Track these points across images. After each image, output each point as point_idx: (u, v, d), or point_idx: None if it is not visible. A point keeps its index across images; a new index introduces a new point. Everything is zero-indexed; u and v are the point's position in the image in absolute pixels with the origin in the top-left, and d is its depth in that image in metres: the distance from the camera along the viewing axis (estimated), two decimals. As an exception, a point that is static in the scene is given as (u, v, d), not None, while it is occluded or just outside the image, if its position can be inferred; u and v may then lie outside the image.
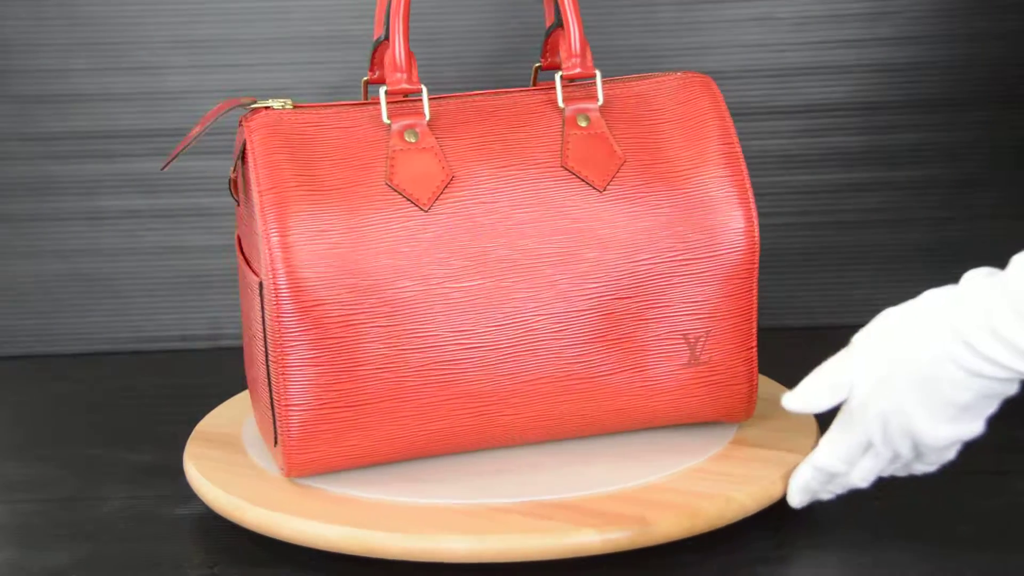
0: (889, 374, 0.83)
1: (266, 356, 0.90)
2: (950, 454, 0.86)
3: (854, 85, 1.27)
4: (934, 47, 1.26)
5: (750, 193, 0.96)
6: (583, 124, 0.94)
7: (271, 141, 0.90)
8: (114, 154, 1.28)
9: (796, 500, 0.89)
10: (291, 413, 0.89)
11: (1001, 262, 0.82)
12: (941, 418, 0.83)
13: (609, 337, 0.93)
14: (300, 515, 0.87)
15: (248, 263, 0.93)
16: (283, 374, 0.89)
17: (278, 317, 0.88)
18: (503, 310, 0.91)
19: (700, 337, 0.95)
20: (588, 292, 0.92)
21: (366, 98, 0.93)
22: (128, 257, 1.30)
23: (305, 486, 0.91)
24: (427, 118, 0.92)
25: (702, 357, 0.95)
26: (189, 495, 0.97)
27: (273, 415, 0.91)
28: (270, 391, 0.91)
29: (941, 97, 1.27)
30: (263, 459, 0.96)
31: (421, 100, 0.93)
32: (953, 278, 0.83)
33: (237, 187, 0.95)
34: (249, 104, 0.92)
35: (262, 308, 0.90)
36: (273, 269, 0.88)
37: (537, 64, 1.00)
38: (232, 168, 0.93)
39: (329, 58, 1.27)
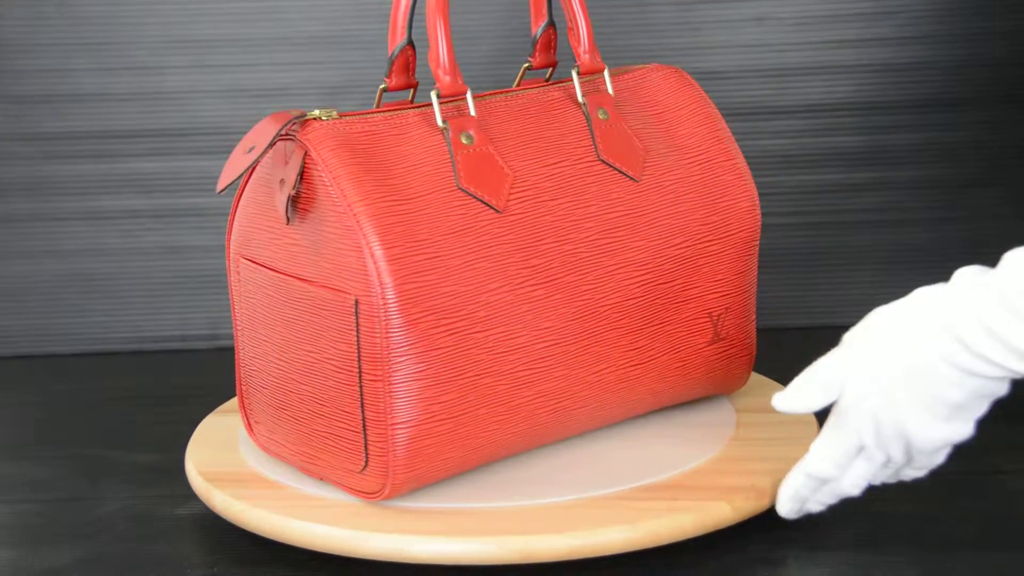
0: (881, 373, 0.83)
1: (359, 375, 0.86)
2: (940, 458, 0.86)
3: (854, 85, 1.27)
4: (934, 47, 1.26)
5: (750, 174, 1.00)
6: (603, 117, 0.96)
7: (342, 153, 0.87)
8: (113, 154, 1.28)
9: (785, 508, 0.89)
10: (397, 432, 0.86)
11: (999, 263, 0.82)
12: (933, 418, 0.82)
13: (655, 322, 0.96)
14: (400, 532, 0.86)
15: (304, 280, 0.89)
16: (389, 392, 0.85)
17: (386, 333, 0.85)
18: (575, 305, 0.92)
19: (721, 314, 0.99)
20: (639, 280, 0.94)
21: (379, 107, 0.92)
22: (127, 257, 1.30)
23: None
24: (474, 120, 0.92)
25: (721, 333, 0.99)
26: (189, 495, 0.97)
27: (365, 438, 0.87)
28: (362, 412, 0.87)
29: (941, 97, 1.27)
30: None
31: (461, 102, 0.92)
32: (947, 280, 0.83)
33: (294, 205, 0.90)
34: (299, 117, 0.88)
35: (357, 326, 0.86)
36: (381, 283, 0.84)
37: (527, 64, 0.99)
38: (293, 186, 0.87)
39: (329, 58, 1.27)
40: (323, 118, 0.88)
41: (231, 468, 0.95)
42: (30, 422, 1.16)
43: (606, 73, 0.98)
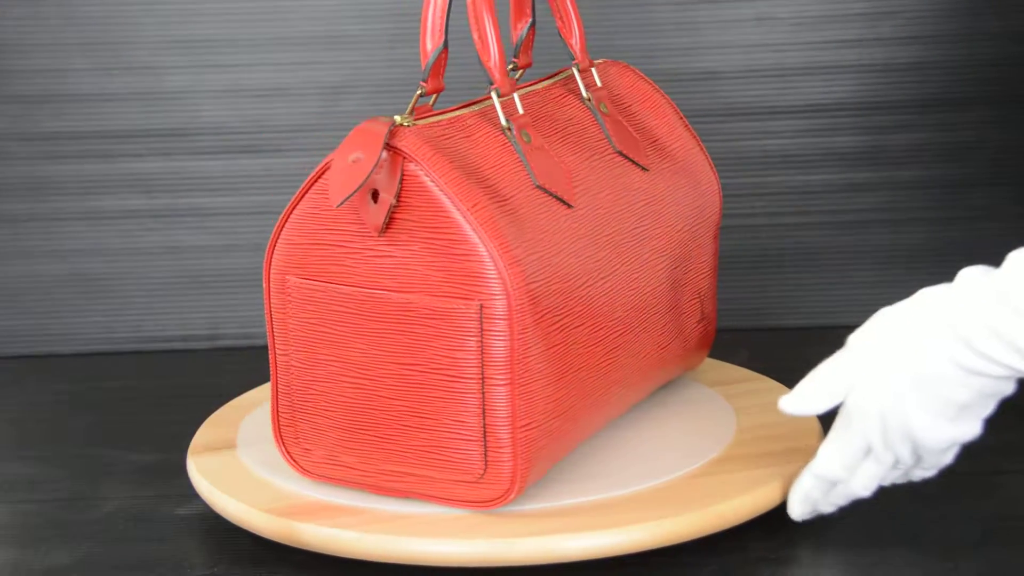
0: (887, 374, 0.83)
1: (481, 382, 0.85)
2: (948, 457, 0.86)
3: (854, 85, 1.27)
4: (934, 47, 1.26)
5: (711, 159, 1.04)
6: (605, 111, 0.98)
7: (440, 158, 0.85)
8: (113, 154, 1.28)
9: (797, 511, 0.89)
10: (523, 434, 0.85)
11: (1000, 262, 0.81)
12: (940, 418, 0.82)
13: (673, 306, 0.99)
14: (436, 536, 0.86)
15: (401, 291, 0.86)
16: (517, 395, 0.84)
17: (516, 335, 0.84)
18: (629, 294, 0.94)
19: (704, 295, 1.02)
20: (663, 266, 0.98)
21: (412, 112, 0.90)
22: (128, 257, 1.30)
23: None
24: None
25: (705, 313, 1.04)
26: (189, 495, 0.97)
27: (485, 445, 0.86)
28: (482, 419, 0.85)
29: (941, 97, 1.27)
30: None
31: (507, 99, 0.92)
32: (952, 279, 0.83)
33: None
34: (391, 123, 0.86)
35: (481, 331, 0.84)
36: (508, 286, 0.83)
37: (511, 64, 0.99)
38: (396, 196, 0.85)
39: (329, 58, 1.27)
40: (405, 124, 0.87)
41: (288, 501, 0.90)
42: (30, 422, 1.16)
43: (594, 69, 0.99)
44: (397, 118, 0.87)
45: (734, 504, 0.88)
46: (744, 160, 1.28)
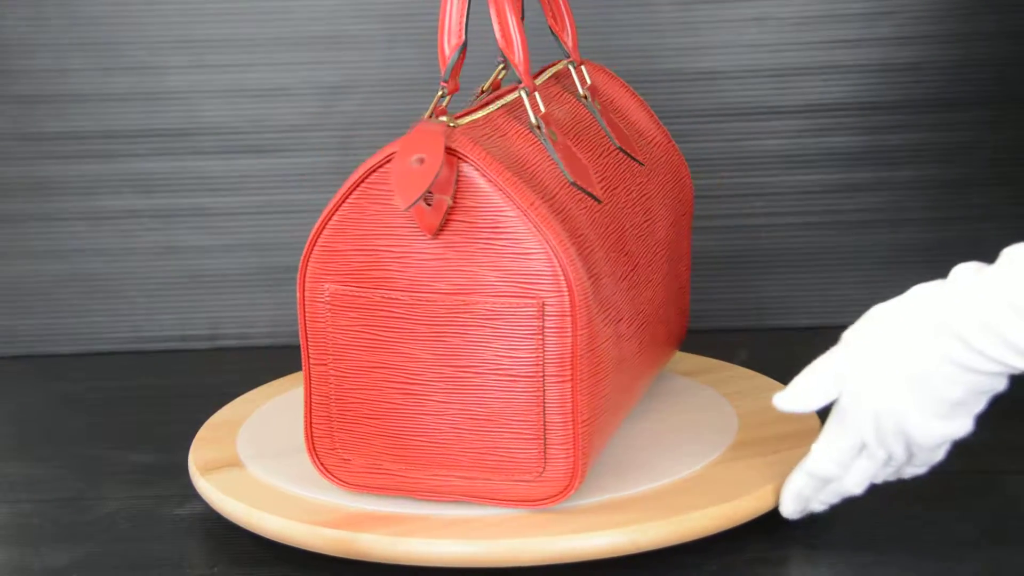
0: (880, 370, 0.83)
1: (543, 379, 0.85)
2: (939, 454, 0.86)
3: (854, 85, 1.27)
4: (934, 47, 1.26)
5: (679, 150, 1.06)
6: (598, 108, 0.98)
7: (492, 159, 0.85)
8: (113, 154, 1.28)
9: (789, 508, 0.89)
10: (582, 430, 0.86)
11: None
12: (933, 414, 0.82)
13: (669, 299, 1.00)
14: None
15: (456, 293, 0.86)
16: (577, 391, 0.85)
17: (582, 329, 0.84)
18: (648, 286, 0.96)
19: (685, 284, 1.05)
20: (666, 258, 1.00)
21: (434, 114, 0.90)
22: (128, 257, 1.30)
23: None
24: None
25: (684, 304, 1.06)
26: (189, 495, 0.97)
27: (545, 442, 0.86)
28: (543, 417, 0.85)
29: (941, 97, 1.27)
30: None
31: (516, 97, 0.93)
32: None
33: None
34: (445, 124, 0.86)
35: (543, 329, 0.84)
36: (570, 283, 0.84)
37: (501, 63, 0.99)
38: (452, 197, 0.84)
39: (329, 58, 1.27)
40: (451, 124, 0.87)
41: (333, 513, 0.89)
42: (30, 422, 1.16)
43: (583, 66, 1.00)
44: (443, 118, 0.87)
45: (735, 505, 0.88)
46: (744, 160, 1.28)
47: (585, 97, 0.98)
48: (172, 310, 1.30)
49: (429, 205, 0.84)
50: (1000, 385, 0.82)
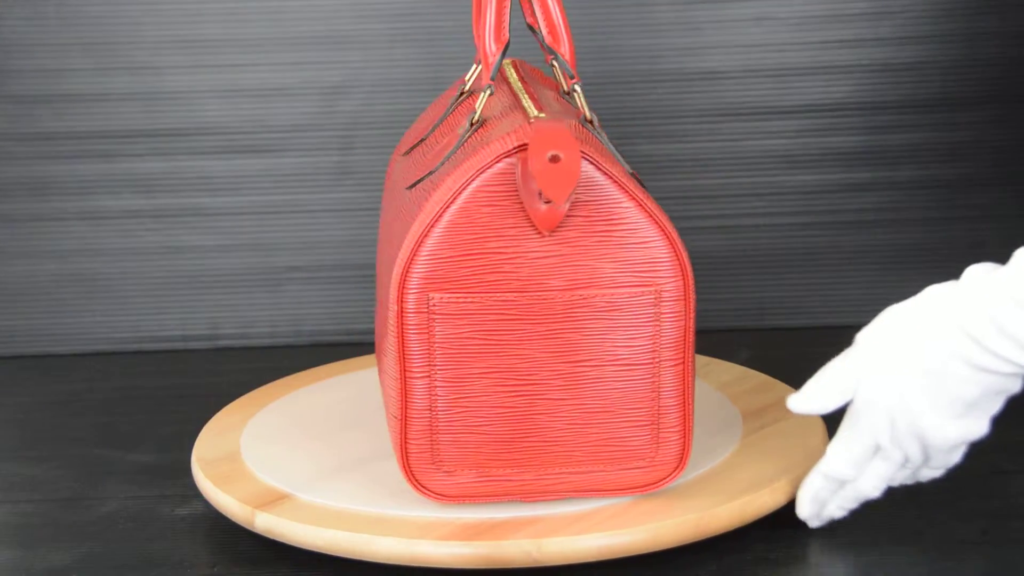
0: (895, 372, 0.83)
1: (659, 365, 0.86)
2: (956, 456, 0.86)
3: (854, 85, 1.27)
4: (934, 47, 1.26)
5: None
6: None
7: (598, 153, 0.86)
8: (113, 154, 1.28)
9: (806, 511, 0.89)
10: (691, 409, 0.88)
11: (1001, 262, 0.82)
12: (948, 415, 0.82)
13: None
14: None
15: (573, 288, 0.85)
16: (689, 373, 0.88)
17: (690, 314, 0.86)
18: None
19: None
20: None
21: (482, 112, 0.90)
22: (127, 257, 1.30)
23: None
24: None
25: None
26: (189, 495, 0.97)
27: (658, 427, 0.87)
28: (657, 402, 0.87)
29: (941, 97, 1.27)
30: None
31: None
32: (953, 278, 0.83)
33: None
34: (564, 121, 0.86)
35: (659, 316, 0.86)
36: (683, 268, 0.86)
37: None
38: (573, 193, 0.84)
39: (329, 58, 1.27)
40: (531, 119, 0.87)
41: (447, 527, 0.87)
42: (30, 422, 1.16)
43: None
44: (541, 115, 0.87)
45: (737, 505, 0.88)
46: (744, 160, 1.28)
47: (567, 93, 0.97)
48: (172, 310, 1.30)
49: (546, 203, 0.84)
50: (1015, 386, 0.82)
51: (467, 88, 0.98)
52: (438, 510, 0.88)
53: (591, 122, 0.90)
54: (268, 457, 0.96)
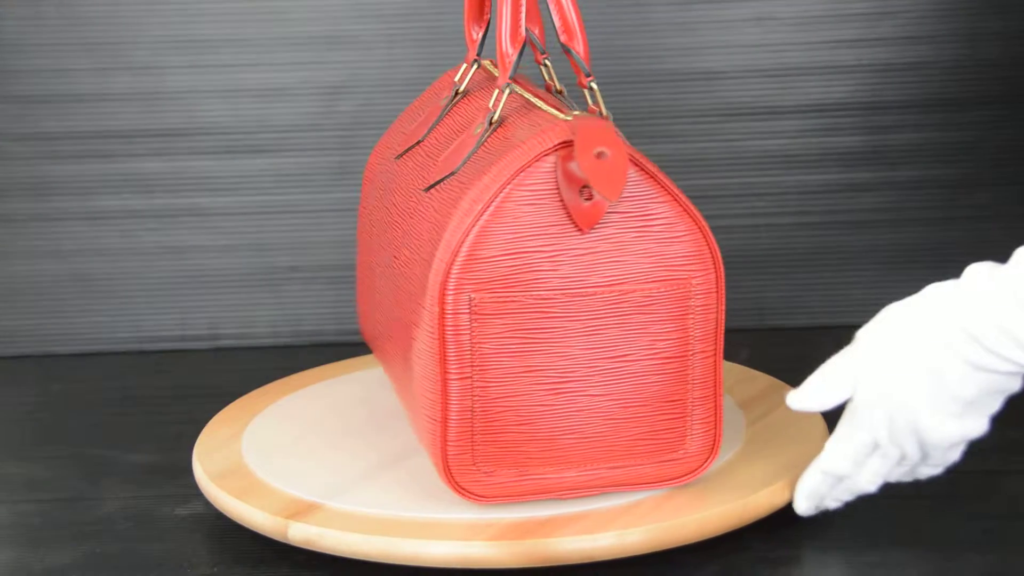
0: (894, 370, 0.83)
1: (692, 357, 0.88)
2: (955, 454, 0.86)
3: (854, 85, 1.27)
4: (934, 47, 1.26)
5: None
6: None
7: (634, 149, 0.87)
8: (113, 154, 1.28)
9: (803, 506, 0.89)
10: (719, 400, 0.90)
11: (1002, 262, 0.82)
12: (947, 414, 0.83)
13: None
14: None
15: (613, 285, 0.86)
16: (719, 362, 0.89)
17: (721, 304, 0.88)
18: None
19: None
20: None
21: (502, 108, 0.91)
22: (127, 257, 1.30)
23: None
24: None
25: None
26: (189, 495, 0.97)
27: (691, 418, 0.89)
28: (690, 393, 0.88)
29: (941, 97, 1.27)
30: (281, 475, 0.95)
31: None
32: (954, 278, 0.83)
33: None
34: (603, 117, 0.87)
35: (692, 308, 0.87)
36: (715, 259, 0.88)
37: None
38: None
39: (329, 58, 1.27)
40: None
41: (493, 528, 0.87)
42: (30, 422, 1.16)
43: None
44: (577, 112, 0.87)
45: (737, 506, 0.88)
46: (744, 160, 1.28)
47: (560, 92, 0.98)
48: (172, 310, 1.30)
49: (587, 201, 0.85)
50: (1015, 385, 0.82)
51: (462, 89, 0.98)
52: (474, 511, 0.88)
53: (610, 119, 0.89)
54: (282, 467, 0.95)
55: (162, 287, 1.30)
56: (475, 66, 0.99)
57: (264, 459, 0.96)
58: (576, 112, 0.87)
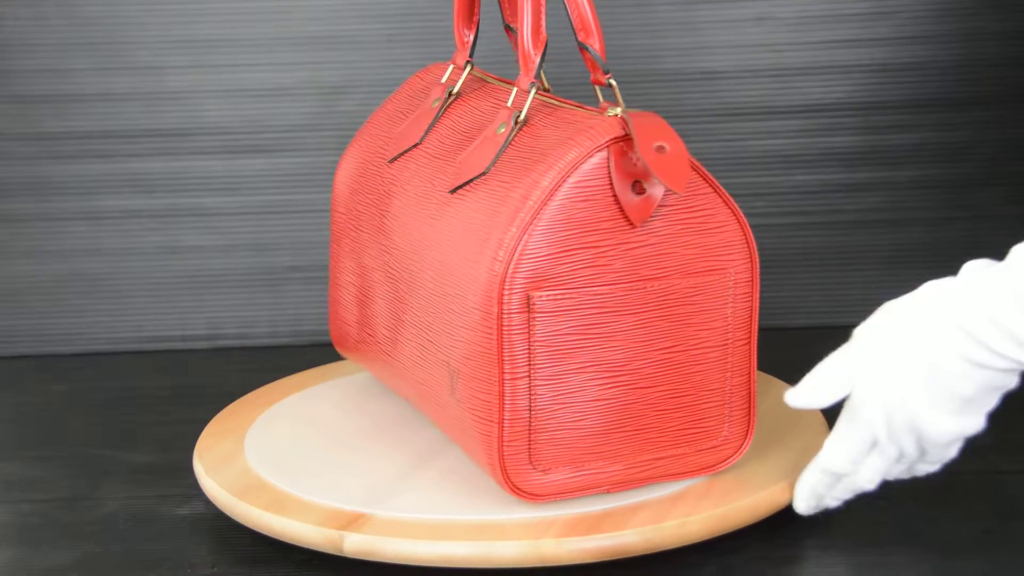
0: (892, 367, 0.83)
1: (730, 345, 0.90)
2: (952, 451, 0.86)
3: (854, 85, 1.27)
4: (934, 47, 1.26)
5: None
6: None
7: None
8: (114, 154, 1.28)
9: (803, 506, 0.89)
10: (753, 386, 0.92)
11: (999, 260, 0.82)
12: (944, 411, 0.83)
13: None
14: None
15: (664, 277, 0.87)
16: (753, 349, 0.91)
17: (757, 292, 0.90)
18: None
19: None
20: None
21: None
22: (128, 257, 1.30)
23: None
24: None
25: None
26: (189, 495, 0.97)
27: (729, 405, 0.91)
28: (729, 380, 0.90)
29: (941, 97, 1.27)
30: (267, 465, 0.96)
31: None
32: (953, 277, 0.83)
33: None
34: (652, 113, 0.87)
35: (734, 296, 0.89)
36: (751, 247, 0.90)
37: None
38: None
39: (329, 58, 1.27)
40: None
41: (556, 526, 0.87)
42: (30, 422, 1.16)
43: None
44: (618, 109, 0.87)
45: (739, 506, 0.88)
46: (744, 160, 1.28)
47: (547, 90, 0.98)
48: (172, 310, 1.30)
49: (639, 195, 0.86)
50: (1012, 382, 0.82)
51: (456, 90, 0.98)
52: (525, 510, 0.88)
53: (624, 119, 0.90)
54: (309, 476, 0.93)
55: (162, 287, 1.30)
56: (468, 68, 0.99)
57: (278, 468, 0.94)
58: (619, 109, 0.87)
